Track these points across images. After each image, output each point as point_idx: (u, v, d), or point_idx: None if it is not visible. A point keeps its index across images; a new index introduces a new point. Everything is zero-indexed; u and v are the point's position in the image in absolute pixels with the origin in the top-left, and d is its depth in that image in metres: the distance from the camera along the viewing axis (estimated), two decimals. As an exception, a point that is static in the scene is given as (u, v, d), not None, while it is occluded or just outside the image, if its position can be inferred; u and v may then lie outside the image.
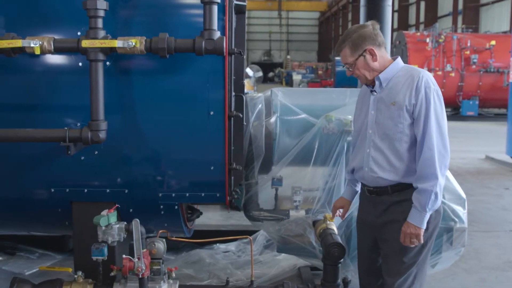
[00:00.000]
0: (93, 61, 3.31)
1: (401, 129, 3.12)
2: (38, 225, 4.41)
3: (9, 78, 3.64)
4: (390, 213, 3.22)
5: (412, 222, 3.08)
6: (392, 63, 3.22)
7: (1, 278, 5.09)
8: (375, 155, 3.22)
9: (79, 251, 3.92)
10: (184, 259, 5.39)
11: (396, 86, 3.16)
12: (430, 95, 3.07)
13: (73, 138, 3.34)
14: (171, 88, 3.59)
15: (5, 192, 3.88)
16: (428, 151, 3.05)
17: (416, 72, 3.15)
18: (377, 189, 3.25)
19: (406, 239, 3.11)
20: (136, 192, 3.77)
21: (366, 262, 3.45)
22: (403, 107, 3.10)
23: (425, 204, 3.05)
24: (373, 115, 3.24)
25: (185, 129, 3.64)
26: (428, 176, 3.05)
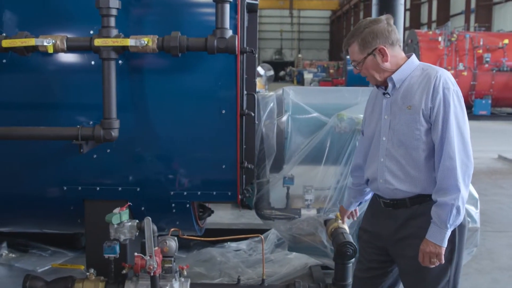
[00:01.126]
0: (106, 59, 3.31)
1: (418, 136, 2.82)
2: (50, 223, 4.44)
3: (22, 76, 3.65)
4: (407, 228, 2.93)
5: (431, 239, 2.77)
6: (406, 62, 2.91)
7: (14, 275, 5.13)
8: (390, 165, 2.92)
9: (91, 248, 3.94)
10: (195, 258, 5.40)
11: (411, 88, 2.86)
12: (449, 97, 2.76)
13: (86, 136, 3.35)
14: (183, 87, 3.60)
15: (18, 190, 3.91)
16: (448, 160, 2.73)
17: (433, 71, 2.85)
18: (394, 201, 2.96)
19: (425, 258, 2.81)
20: (148, 190, 3.78)
21: (370, 272, 3.19)
22: (420, 111, 2.79)
23: (445, 219, 2.73)
24: (386, 120, 2.94)
25: (197, 127, 3.64)
26: (449, 188, 2.73)
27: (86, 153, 3.43)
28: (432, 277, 2.90)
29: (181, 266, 3.64)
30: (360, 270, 3.25)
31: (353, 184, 3.37)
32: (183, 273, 3.64)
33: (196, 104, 3.61)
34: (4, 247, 5.64)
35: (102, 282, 3.68)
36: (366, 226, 3.22)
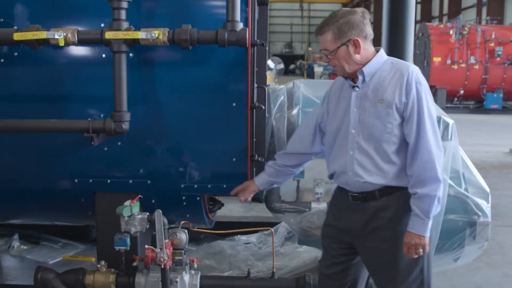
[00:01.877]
0: (117, 52, 3.31)
1: (390, 129, 2.86)
2: (61, 215, 4.46)
3: (34, 69, 3.67)
4: (378, 220, 2.96)
5: (414, 231, 2.82)
6: (375, 56, 2.93)
7: (25, 266, 5.17)
8: (360, 157, 2.94)
9: (102, 241, 3.96)
10: (205, 250, 5.42)
11: (383, 82, 2.88)
12: (422, 93, 2.82)
13: (97, 129, 3.35)
14: (194, 80, 3.59)
15: (29, 183, 3.93)
16: (427, 153, 2.80)
17: (404, 66, 2.88)
18: (363, 194, 2.98)
19: (410, 250, 2.85)
20: (158, 183, 3.79)
21: (334, 268, 3.19)
22: (393, 105, 2.83)
23: (428, 210, 2.80)
24: (355, 113, 2.94)
25: (208, 120, 3.64)
26: (430, 180, 2.81)
27: (97, 146, 3.43)
28: (405, 267, 2.94)
29: (192, 259, 3.66)
30: (325, 266, 3.27)
31: (276, 164, 3.36)
32: (194, 266, 3.65)
33: (207, 97, 3.61)
34: (15, 239, 5.68)
35: (113, 274, 3.70)
36: (331, 222, 3.21)
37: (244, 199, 3.48)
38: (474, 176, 4.52)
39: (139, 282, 3.62)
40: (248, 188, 3.45)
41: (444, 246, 4.46)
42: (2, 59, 3.60)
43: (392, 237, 2.94)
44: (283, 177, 3.42)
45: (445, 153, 4.36)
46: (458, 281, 4.93)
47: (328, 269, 3.23)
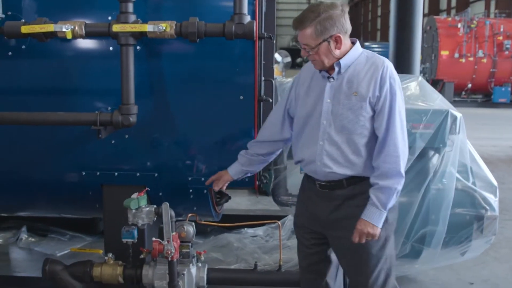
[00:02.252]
0: (124, 45, 3.32)
1: (363, 122, 2.87)
2: (69, 208, 4.47)
3: (41, 62, 3.67)
4: (345, 208, 2.97)
5: (369, 220, 2.84)
6: (352, 49, 2.92)
7: (33, 259, 5.21)
8: (330, 149, 2.93)
9: (109, 233, 3.97)
10: (212, 243, 5.44)
11: (358, 75, 2.89)
12: (395, 88, 2.85)
13: (104, 122, 3.36)
14: (201, 73, 3.59)
15: (37, 175, 3.94)
16: (393, 147, 2.83)
17: (379, 60, 2.90)
18: (330, 183, 2.99)
19: (361, 238, 2.87)
20: (165, 176, 3.79)
21: (308, 259, 3.22)
22: (366, 99, 2.84)
23: (386, 202, 2.83)
24: (328, 104, 2.93)
25: (215, 113, 3.63)
26: (393, 174, 2.84)
27: (104, 139, 3.44)
28: (372, 256, 2.98)
29: (199, 252, 3.67)
30: (301, 258, 3.28)
31: (247, 153, 3.34)
32: (201, 258, 3.66)
33: (214, 90, 3.61)
34: (23, 231, 5.72)
35: (120, 267, 3.71)
36: (301, 211, 3.23)
37: (218, 188, 3.45)
38: (481, 170, 4.51)
39: (146, 274, 3.64)
40: (222, 177, 3.42)
41: (452, 240, 4.46)
42: (10, 52, 3.61)
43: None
44: (256, 165, 3.40)
45: (452, 147, 4.35)
46: (465, 275, 4.92)
47: (304, 261, 3.26)
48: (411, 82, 4.91)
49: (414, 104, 4.60)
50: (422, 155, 4.40)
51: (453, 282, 4.82)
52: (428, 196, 4.38)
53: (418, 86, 4.88)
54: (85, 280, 3.72)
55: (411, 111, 4.41)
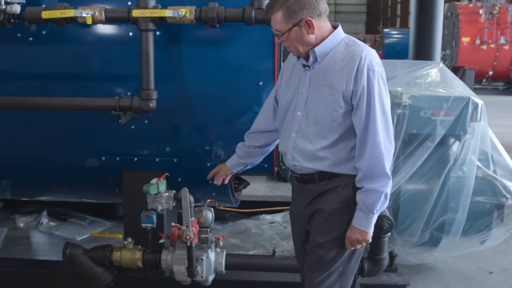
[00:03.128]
0: (144, 30, 3.32)
1: (335, 118, 2.63)
2: (89, 192, 4.51)
3: (62, 47, 3.69)
4: (316, 203, 2.80)
5: (358, 226, 2.67)
6: (331, 34, 2.65)
7: (54, 242, 5.27)
8: (300, 142, 2.76)
9: (128, 218, 4.00)
10: (230, 229, 5.46)
11: (334, 65, 2.63)
12: (373, 80, 2.55)
13: (124, 107, 3.37)
14: (220, 58, 3.57)
15: (58, 160, 3.98)
16: (376, 148, 2.59)
17: (357, 49, 2.60)
18: (303, 176, 2.82)
19: (352, 245, 2.72)
20: (184, 162, 3.80)
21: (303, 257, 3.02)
22: (340, 92, 2.59)
23: (373, 206, 2.63)
24: (303, 94, 2.73)
25: (234, 99, 3.63)
26: (378, 176, 2.61)
27: (124, 124, 3.45)
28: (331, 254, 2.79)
29: (217, 237, 3.67)
30: (296, 257, 3.15)
31: (244, 145, 3.19)
32: (219, 244, 3.67)
33: (233, 75, 3.59)
34: (44, 216, 5.79)
35: (140, 251, 3.74)
36: (290, 207, 3.09)
37: (218, 183, 3.32)
38: (502, 158, 4.47)
39: (165, 259, 3.66)
40: (220, 171, 3.29)
41: (471, 228, 4.44)
42: (31, 37, 3.63)
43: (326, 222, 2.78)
44: (253, 158, 3.22)
45: (473, 134, 4.31)
46: (484, 264, 4.89)
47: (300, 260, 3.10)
48: (432, 69, 4.88)
49: (434, 91, 4.57)
50: (442, 143, 4.37)
51: (472, 270, 4.79)
52: (448, 183, 4.36)
53: (439, 72, 4.84)
54: (104, 264, 3.76)
55: (432, 98, 4.38)
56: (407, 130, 4.36)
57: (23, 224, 5.73)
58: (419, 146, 4.35)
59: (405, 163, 4.38)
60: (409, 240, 4.45)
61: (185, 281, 3.62)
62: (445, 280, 4.58)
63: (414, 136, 4.37)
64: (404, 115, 4.34)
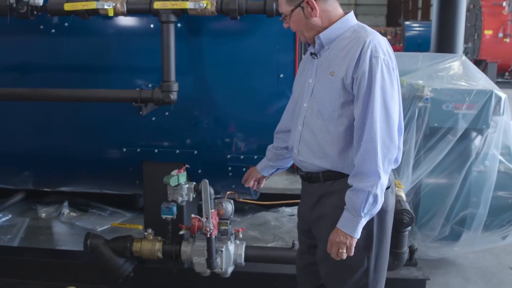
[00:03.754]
0: (165, 22, 3.32)
1: (336, 107, 2.46)
2: (110, 184, 4.55)
3: (84, 39, 3.70)
4: (321, 206, 2.62)
5: (342, 228, 2.42)
6: (339, 20, 2.51)
7: (75, 233, 5.33)
8: (305, 135, 2.60)
9: (149, 209, 4.02)
10: (250, 221, 5.47)
11: (338, 51, 2.47)
12: (376, 67, 2.35)
13: (145, 99, 3.38)
14: (241, 50, 3.56)
15: (79, 151, 4.01)
16: (369, 142, 2.36)
17: (363, 35, 2.43)
18: (309, 175, 2.65)
19: (333, 248, 2.47)
20: (205, 154, 3.81)
21: (306, 258, 2.89)
22: (340, 80, 2.42)
23: (359, 207, 2.38)
24: (310, 84, 2.59)
25: (255, 91, 3.62)
26: (367, 174, 2.37)
27: (145, 116, 3.47)
28: (346, 265, 2.57)
29: (237, 229, 3.68)
30: (298, 256, 3.01)
31: (273, 147, 3.07)
32: (239, 236, 3.68)
33: (254, 67, 3.58)
34: (65, 206, 5.85)
35: (160, 242, 3.76)
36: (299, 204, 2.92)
37: (248, 185, 3.18)
38: (527, 150, 4.42)
39: (185, 250, 3.68)
40: (251, 174, 3.16)
41: (493, 223, 4.40)
42: (53, 29, 3.65)
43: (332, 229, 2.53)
44: (282, 161, 3.06)
45: (496, 128, 4.26)
46: (505, 259, 4.85)
47: (300, 260, 2.98)
48: (454, 62, 4.84)
49: (457, 84, 4.53)
50: (464, 136, 4.34)
51: (493, 266, 4.75)
52: (469, 178, 4.33)
53: (461, 65, 4.80)
54: (125, 255, 3.79)
55: (454, 91, 4.35)
56: (429, 124, 4.33)
57: (45, 214, 5.80)
58: (441, 140, 4.31)
59: (426, 157, 4.35)
60: (429, 234, 4.43)
61: (205, 273, 3.64)
62: (466, 275, 4.55)
63: (436, 129, 4.34)
64: (425, 108, 4.31)
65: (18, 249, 4.79)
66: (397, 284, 3.93)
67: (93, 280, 4.13)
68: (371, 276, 2.61)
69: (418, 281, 3.99)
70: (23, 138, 3.99)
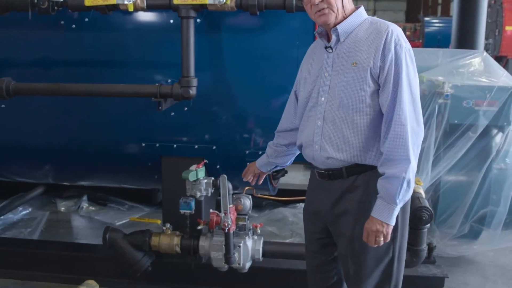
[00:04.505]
0: (185, 18, 3.32)
1: (363, 98, 2.46)
2: (129, 178, 4.58)
3: (104, 35, 3.73)
4: (344, 202, 2.60)
5: (378, 217, 2.43)
6: (353, 13, 2.54)
7: (93, 227, 5.38)
8: (328, 129, 2.56)
9: (167, 204, 4.04)
10: (267, 217, 5.47)
11: (358, 42, 2.49)
12: (401, 55, 2.40)
13: (164, 94, 3.39)
14: (261, 45, 3.56)
15: (99, 146, 4.04)
16: (400, 127, 2.38)
17: (383, 26, 2.47)
18: (329, 172, 2.62)
19: (370, 237, 2.47)
20: (223, 149, 3.82)
21: (318, 257, 2.87)
22: (367, 70, 2.44)
23: (395, 194, 2.38)
24: (326, 78, 2.57)
25: (273, 87, 3.62)
26: (399, 159, 2.38)
27: (164, 111, 3.48)
28: (374, 257, 2.59)
29: (255, 224, 3.68)
30: (308, 256, 2.97)
31: (273, 143, 3.08)
32: (257, 231, 3.68)
33: (273, 63, 3.57)
34: (84, 200, 5.90)
35: (178, 237, 3.78)
36: (306, 204, 2.90)
37: (247, 179, 3.22)
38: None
39: (203, 245, 3.69)
40: (249, 169, 3.20)
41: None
42: (74, 25, 3.68)
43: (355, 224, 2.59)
44: (282, 158, 3.08)
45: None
46: (524, 257, 4.81)
47: (311, 259, 2.94)
48: (475, 58, 4.79)
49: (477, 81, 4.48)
50: (484, 133, 4.30)
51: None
52: (489, 175, 4.29)
53: (482, 62, 4.76)
54: (143, 249, 3.81)
55: (475, 88, 4.31)
56: (449, 120, 4.30)
57: (64, 208, 5.86)
58: (461, 137, 4.28)
59: (446, 154, 4.32)
60: (448, 232, 4.40)
61: (222, 268, 3.65)
62: (485, 273, 4.51)
63: (456, 126, 4.30)
64: (446, 105, 4.27)
65: (38, 242, 4.83)
66: (415, 281, 3.91)
67: (111, 273, 4.16)
68: (395, 266, 2.64)
69: (436, 278, 3.97)
70: (43, 133, 4.03)
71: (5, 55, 3.85)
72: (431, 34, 24.89)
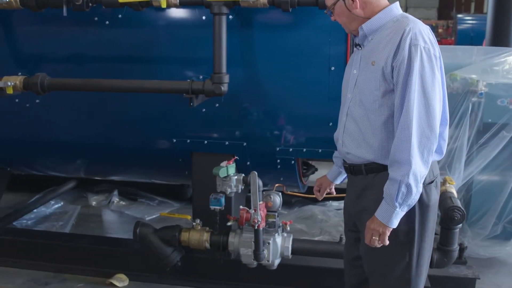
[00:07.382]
0: (217, 14, 3.33)
1: (376, 97, 2.43)
2: (159, 174, 4.61)
3: (136, 31, 3.76)
4: (363, 199, 2.60)
5: (378, 216, 2.40)
6: (382, 11, 2.49)
7: (124, 221, 5.43)
8: (349, 126, 2.58)
9: (197, 200, 4.05)
10: (296, 214, 5.46)
11: (379, 41, 2.45)
12: (415, 55, 2.31)
13: (196, 90, 3.39)
14: (293, 42, 3.55)
15: (130, 141, 4.08)
16: (404, 130, 2.32)
17: (403, 24, 2.40)
18: (352, 167, 2.62)
19: (367, 234, 2.46)
20: (254, 145, 3.82)
21: (352, 251, 2.86)
22: (380, 69, 2.40)
23: (393, 197, 2.34)
24: (354, 75, 2.57)
25: (305, 84, 3.60)
26: (399, 163, 2.33)
27: (195, 107, 3.49)
28: (387, 260, 2.57)
29: (284, 222, 3.67)
30: (344, 250, 2.99)
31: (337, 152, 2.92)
32: (286, 229, 3.67)
33: (305, 60, 3.56)
34: (115, 195, 5.97)
35: (207, 233, 3.79)
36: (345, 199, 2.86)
37: (322, 198, 3.17)
38: None
39: (232, 241, 3.70)
40: (323, 185, 3.12)
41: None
42: (107, 21, 3.72)
43: None
44: None
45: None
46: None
47: (347, 254, 2.93)
48: (509, 56, 4.72)
49: (511, 79, 4.42)
50: (519, 133, 4.23)
51: (546, 267, 4.62)
52: (524, 175, 4.22)
53: (517, 60, 4.68)
54: (173, 244, 3.83)
55: (509, 86, 4.25)
56: (482, 119, 4.24)
57: (95, 202, 5.93)
58: (495, 136, 4.22)
59: (479, 153, 4.26)
60: (480, 233, 4.34)
61: (251, 264, 3.65)
62: (517, 275, 4.44)
63: (490, 125, 4.24)
64: (479, 103, 4.21)
65: (69, 235, 4.90)
66: (446, 282, 3.87)
67: (141, 268, 4.20)
68: (413, 271, 2.58)
69: (467, 279, 3.91)
70: (76, 127, 4.08)
71: (40, 51, 3.91)
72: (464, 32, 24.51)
